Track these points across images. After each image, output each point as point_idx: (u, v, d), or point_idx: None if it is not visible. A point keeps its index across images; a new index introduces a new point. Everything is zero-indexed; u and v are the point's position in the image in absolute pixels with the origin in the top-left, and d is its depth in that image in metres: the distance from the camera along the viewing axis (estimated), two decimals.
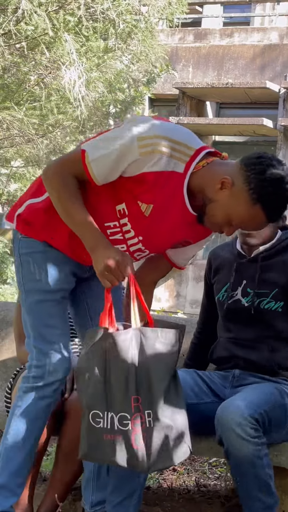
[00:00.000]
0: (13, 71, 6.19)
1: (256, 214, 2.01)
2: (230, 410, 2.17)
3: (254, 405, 2.19)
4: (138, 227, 2.12)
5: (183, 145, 2.01)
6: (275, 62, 11.19)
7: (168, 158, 1.98)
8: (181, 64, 11.63)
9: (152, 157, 1.97)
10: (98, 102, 7.14)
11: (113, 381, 1.99)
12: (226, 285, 2.53)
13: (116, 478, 2.28)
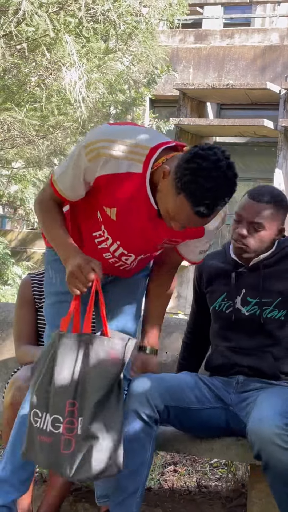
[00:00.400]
0: (14, 72, 6.19)
1: (182, 204, 1.91)
2: (265, 422, 2.15)
3: (284, 413, 2.19)
4: (112, 232, 2.15)
5: (136, 145, 2.00)
6: (276, 63, 11.19)
7: (117, 160, 1.98)
8: (181, 65, 11.63)
9: (99, 161, 1.99)
10: (99, 103, 7.14)
11: (55, 384, 2.01)
12: (223, 295, 2.50)
13: (117, 476, 2.28)
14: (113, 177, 2.02)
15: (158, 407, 2.30)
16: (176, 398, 2.35)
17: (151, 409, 2.29)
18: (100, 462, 2.00)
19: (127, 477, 2.26)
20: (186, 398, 2.37)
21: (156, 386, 2.32)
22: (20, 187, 8.03)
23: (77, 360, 2.02)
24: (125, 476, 2.26)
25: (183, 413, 2.37)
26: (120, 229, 2.14)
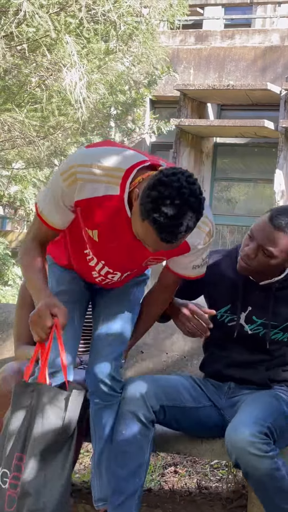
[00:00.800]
0: (15, 73, 6.19)
1: (147, 230, 1.91)
2: (240, 431, 2.16)
3: (260, 420, 2.19)
4: (96, 253, 2.20)
5: (110, 168, 2.02)
6: (276, 63, 11.19)
7: (93, 184, 2.02)
8: (182, 66, 11.63)
9: (75, 186, 2.02)
10: (99, 104, 7.14)
11: (8, 435, 1.99)
12: (227, 307, 2.45)
13: (115, 479, 2.28)
14: (91, 201, 2.04)
15: (154, 408, 2.30)
16: (172, 397, 2.35)
17: (147, 410, 2.29)
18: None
19: (125, 479, 2.26)
20: (182, 397, 2.38)
21: (151, 387, 2.32)
22: (21, 188, 8.02)
23: (27, 412, 1.99)
24: (123, 478, 2.26)
25: (180, 412, 2.37)
26: (104, 250, 2.17)
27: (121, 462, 2.29)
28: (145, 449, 2.30)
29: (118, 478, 2.27)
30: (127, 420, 2.29)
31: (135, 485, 2.27)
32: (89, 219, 2.11)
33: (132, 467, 2.28)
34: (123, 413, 2.30)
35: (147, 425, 2.31)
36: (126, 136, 10.31)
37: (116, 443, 2.30)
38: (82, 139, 7.80)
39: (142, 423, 2.30)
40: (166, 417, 2.36)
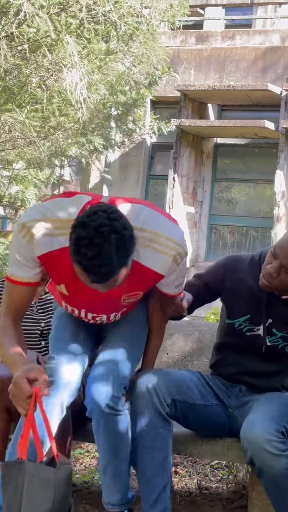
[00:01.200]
0: (15, 73, 6.19)
1: (79, 272, 1.91)
2: (256, 429, 2.16)
3: (276, 419, 2.19)
4: (73, 303, 2.23)
5: (62, 220, 2.03)
6: (277, 64, 11.18)
7: (49, 238, 2.04)
8: (182, 66, 11.63)
9: (33, 241, 2.05)
10: (100, 105, 7.13)
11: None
12: (246, 316, 2.44)
13: (145, 477, 2.32)
14: (49, 255, 2.06)
15: (166, 401, 2.31)
16: (182, 392, 2.36)
17: (161, 404, 2.30)
18: None
19: (155, 475, 2.29)
20: (192, 393, 2.38)
21: (162, 380, 2.32)
22: (21, 188, 8.02)
23: (16, 493, 1.88)
24: (153, 475, 2.29)
25: (189, 409, 2.38)
26: (77, 300, 2.20)
27: (149, 458, 2.30)
28: (168, 441, 2.33)
29: (148, 476, 2.30)
30: (146, 415, 2.30)
31: (164, 479, 2.31)
32: (54, 274, 2.12)
33: (159, 462, 2.31)
34: (139, 409, 2.31)
35: (166, 417, 2.32)
36: (126, 137, 10.30)
37: (141, 440, 2.30)
38: (83, 140, 7.79)
39: (162, 417, 2.31)
40: (176, 412, 2.36)
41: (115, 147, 9.89)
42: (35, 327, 2.87)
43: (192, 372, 2.53)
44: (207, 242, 11.73)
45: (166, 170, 11.41)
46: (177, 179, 10.89)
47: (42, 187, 9.37)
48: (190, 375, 2.48)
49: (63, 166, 10.06)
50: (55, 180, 9.70)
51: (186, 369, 2.59)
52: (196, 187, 11.51)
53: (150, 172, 12.13)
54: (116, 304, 2.25)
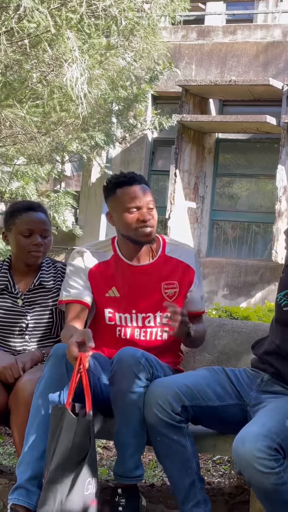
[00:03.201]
0: (16, 68, 6.17)
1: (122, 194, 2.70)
2: (247, 444, 2.11)
3: (272, 433, 2.13)
4: (123, 307, 2.72)
5: (101, 241, 2.86)
6: (278, 59, 11.15)
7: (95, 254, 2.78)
8: (184, 61, 11.60)
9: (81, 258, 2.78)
10: (101, 100, 7.12)
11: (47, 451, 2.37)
12: (286, 290, 2.48)
13: (170, 480, 2.41)
14: (101, 265, 2.72)
15: (175, 411, 2.31)
16: (193, 397, 2.35)
17: (168, 414, 2.30)
18: None
19: (178, 476, 2.36)
20: (204, 395, 2.37)
21: (168, 391, 2.32)
22: (22, 184, 8.00)
23: (56, 431, 2.33)
24: (177, 477, 2.36)
25: (201, 411, 2.37)
26: (127, 299, 2.68)
27: (169, 464, 2.38)
28: (185, 444, 2.35)
29: (172, 479, 2.39)
30: (156, 427, 2.33)
31: (190, 478, 2.36)
32: (103, 282, 2.69)
33: (179, 465, 2.36)
34: (149, 421, 2.34)
35: (177, 425, 2.32)
36: (128, 132, 10.28)
37: (157, 449, 2.39)
38: (84, 135, 7.77)
39: (171, 425, 2.32)
40: (189, 416, 2.36)
41: (116, 143, 9.87)
42: (19, 321, 2.84)
43: (213, 371, 2.51)
44: (209, 238, 11.72)
45: (167, 165, 11.40)
46: (179, 174, 10.88)
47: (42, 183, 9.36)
48: (206, 376, 2.46)
49: (64, 161, 10.04)
50: (56, 176, 9.69)
51: (207, 367, 2.58)
52: (198, 182, 11.49)
53: (151, 168, 12.11)
54: (159, 296, 2.68)
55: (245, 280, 10.75)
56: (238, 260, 11.18)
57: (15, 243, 2.83)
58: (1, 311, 2.85)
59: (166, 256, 2.75)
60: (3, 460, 3.44)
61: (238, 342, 3.02)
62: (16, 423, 2.54)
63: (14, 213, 2.86)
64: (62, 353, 2.46)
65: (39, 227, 2.83)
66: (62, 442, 2.29)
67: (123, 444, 2.43)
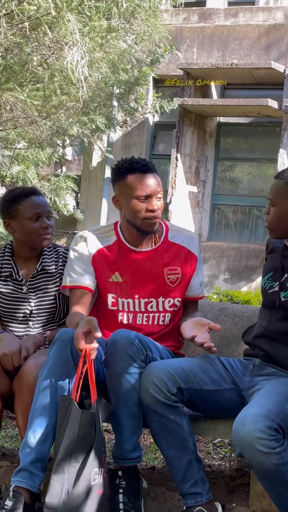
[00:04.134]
0: (16, 51, 6.13)
1: (132, 181, 2.67)
2: (247, 426, 2.13)
3: (271, 414, 2.15)
4: (126, 293, 2.73)
5: (104, 226, 2.87)
6: (280, 42, 11.08)
7: (98, 239, 2.79)
8: (185, 44, 11.53)
9: (85, 243, 2.78)
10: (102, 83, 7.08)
11: (57, 440, 2.40)
12: (269, 274, 2.50)
13: (166, 460, 2.43)
14: (104, 249, 2.72)
15: (171, 391, 2.32)
16: (188, 380, 2.38)
17: (164, 394, 2.32)
18: None
19: (175, 456, 2.38)
20: (199, 380, 2.39)
21: (164, 372, 2.35)
22: (23, 168, 7.98)
23: (64, 421, 2.37)
24: (173, 456, 2.38)
25: (196, 394, 2.39)
26: (131, 283, 2.70)
27: (165, 444, 2.40)
28: (181, 424, 2.37)
29: (169, 458, 2.40)
30: (153, 407, 2.34)
31: (187, 457, 2.39)
32: (106, 267, 2.70)
33: (176, 444, 2.38)
34: (145, 402, 2.36)
35: (173, 405, 2.34)
36: (129, 116, 10.23)
37: (153, 429, 2.42)
38: (85, 119, 7.74)
39: (168, 405, 2.33)
40: (184, 399, 2.38)
41: (117, 126, 9.83)
42: (23, 307, 2.85)
43: (207, 359, 2.52)
44: (210, 222, 11.71)
45: (168, 149, 11.36)
46: (180, 158, 10.85)
47: (43, 167, 9.34)
48: (201, 362, 2.48)
49: (65, 145, 10.01)
50: (57, 160, 9.66)
51: (202, 355, 2.59)
52: (199, 166, 11.46)
53: (152, 152, 12.08)
54: (162, 281, 2.70)
55: (246, 264, 10.75)
56: (239, 244, 11.18)
57: (23, 229, 2.82)
58: (5, 298, 2.86)
59: (169, 242, 2.76)
60: (5, 443, 3.46)
61: (239, 326, 3.03)
62: (20, 406, 2.56)
63: (16, 199, 2.84)
64: (67, 337, 2.47)
65: (45, 210, 2.84)
66: (68, 433, 2.32)
67: (121, 426, 2.45)
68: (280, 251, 2.50)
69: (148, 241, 2.73)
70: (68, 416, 2.33)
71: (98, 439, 2.33)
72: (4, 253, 2.91)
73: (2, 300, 2.86)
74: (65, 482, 2.29)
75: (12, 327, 2.85)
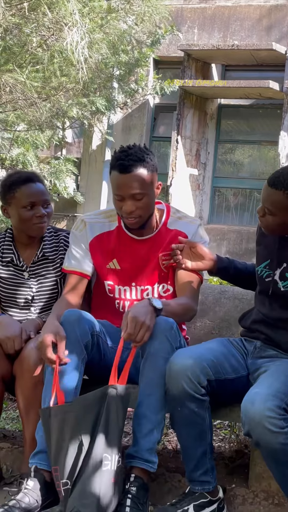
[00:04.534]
0: (15, 32, 6.08)
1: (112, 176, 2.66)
2: (257, 404, 2.14)
3: (280, 393, 2.16)
4: (123, 280, 2.72)
5: (106, 211, 2.83)
6: (282, 23, 10.98)
7: (99, 224, 2.76)
8: (186, 25, 11.43)
9: (85, 228, 2.75)
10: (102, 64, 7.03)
11: None
12: (266, 262, 2.49)
13: (182, 447, 2.42)
14: (103, 235, 2.70)
15: (201, 384, 2.32)
16: (216, 371, 2.38)
17: (195, 387, 2.31)
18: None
19: (192, 446, 2.38)
20: (224, 370, 2.41)
21: (197, 364, 2.33)
22: (23, 150, 7.95)
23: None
24: (190, 446, 2.38)
25: (218, 385, 2.39)
26: (128, 271, 2.68)
27: (185, 433, 2.39)
28: (204, 417, 2.38)
29: (185, 447, 2.40)
30: (180, 398, 2.34)
31: (203, 447, 2.38)
32: (105, 253, 2.68)
33: (195, 435, 2.40)
34: (173, 391, 2.35)
35: (201, 398, 2.34)
36: (129, 97, 10.17)
37: (175, 417, 2.39)
38: (85, 101, 7.70)
39: (196, 398, 2.33)
40: (210, 391, 2.38)
41: (117, 108, 9.78)
42: (25, 293, 2.85)
43: (223, 343, 2.52)
44: (210, 205, 11.69)
45: (169, 131, 11.30)
46: (180, 141, 10.80)
47: (43, 150, 9.30)
48: (221, 348, 2.47)
49: (65, 128, 9.96)
50: (57, 142, 9.62)
51: (219, 339, 2.59)
52: (200, 149, 11.41)
53: (153, 134, 12.02)
54: (157, 267, 2.68)
55: (246, 247, 10.74)
56: (240, 227, 11.16)
57: (17, 216, 2.80)
58: (7, 284, 2.86)
59: (167, 229, 2.73)
60: (6, 425, 3.47)
61: (239, 309, 3.03)
62: (21, 389, 2.57)
63: (12, 186, 2.80)
64: (73, 319, 2.47)
65: (41, 199, 2.79)
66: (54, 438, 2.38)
67: (142, 417, 2.39)
68: (277, 237, 2.47)
69: (148, 228, 2.70)
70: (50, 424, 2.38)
71: (111, 423, 2.32)
72: (5, 238, 2.90)
73: (3, 285, 2.86)
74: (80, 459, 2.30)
75: (13, 312, 2.85)
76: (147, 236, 2.71)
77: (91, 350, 2.52)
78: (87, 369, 2.53)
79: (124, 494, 2.35)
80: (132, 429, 2.46)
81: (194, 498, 2.40)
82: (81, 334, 2.45)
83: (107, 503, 2.27)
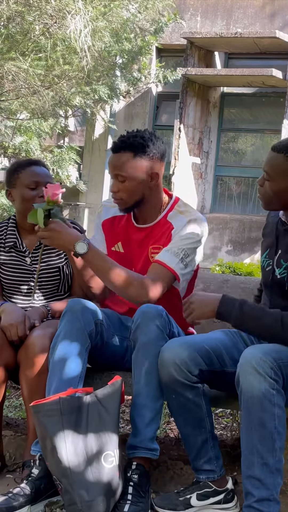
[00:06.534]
0: (18, 20, 6.06)
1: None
2: (255, 352, 2.16)
3: (274, 353, 2.17)
4: (127, 262, 2.71)
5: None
6: (285, 10, 10.92)
7: (113, 208, 2.82)
8: (189, 13, 11.37)
9: (101, 211, 2.88)
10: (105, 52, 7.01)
11: None
12: (266, 251, 2.48)
13: (182, 436, 2.43)
14: (115, 218, 2.78)
15: (193, 373, 2.31)
16: (210, 362, 2.35)
17: (185, 374, 2.30)
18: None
19: (191, 434, 2.38)
20: (221, 360, 2.37)
21: (188, 352, 2.31)
22: (25, 139, 7.94)
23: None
24: (189, 434, 2.38)
25: (216, 376, 2.38)
26: (127, 257, 2.72)
27: (182, 422, 2.39)
28: (200, 404, 2.36)
29: (185, 436, 2.40)
30: (172, 386, 2.33)
31: (203, 435, 2.38)
32: (113, 235, 2.76)
33: (194, 423, 2.37)
34: (165, 379, 2.34)
35: (193, 386, 2.33)
36: (132, 86, 10.14)
37: (171, 405, 2.39)
38: (87, 89, 7.67)
39: (189, 386, 2.32)
40: (204, 378, 2.37)
41: (120, 97, 9.75)
42: (28, 279, 2.86)
43: (227, 333, 2.51)
44: (213, 193, 11.68)
45: (171, 120, 11.27)
46: (183, 129, 10.77)
47: (46, 138, 9.28)
48: (225, 339, 2.45)
49: (68, 116, 9.93)
50: (59, 131, 9.60)
51: (223, 330, 2.58)
52: (202, 137, 11.39)
53: (155, 123, 11.99)
54: (145, 255, 2.69)
55: (249, 236, 10.74)
56: (242, 216, 11.15)
57: (20, 197, 2.82)
58: (10, 269, 2.87)
59: (166, 221, 2.69)
60: (9, 413, 3.50)
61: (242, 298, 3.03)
62: (25, 378, 2.57)
63: (17, 168, 2.85)
64: (78, 308, 2.48)
65: (45, 180, 2.82)
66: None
67: (141, 407, 2.38)
68: (275, 225, 2.47)
69: (153, 217, 2.69)
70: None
71: (105, 421, 2.29)
72: (8, 223, 2.91)
73: (6, 271, 2.87)
74: (67, 459, 2.24)
75: (16, 300, 2.86)
76: (146, 225, 2.72)
77: (95, 338, 2.52)
78: (90, 357, 2.54)
79: (126, 482, 2.35)
80: (130, 419, 2.46)
81: (198, 487, 2.41)
82: (85, 323, 2.46)
83: (114, 497, 2.28)
